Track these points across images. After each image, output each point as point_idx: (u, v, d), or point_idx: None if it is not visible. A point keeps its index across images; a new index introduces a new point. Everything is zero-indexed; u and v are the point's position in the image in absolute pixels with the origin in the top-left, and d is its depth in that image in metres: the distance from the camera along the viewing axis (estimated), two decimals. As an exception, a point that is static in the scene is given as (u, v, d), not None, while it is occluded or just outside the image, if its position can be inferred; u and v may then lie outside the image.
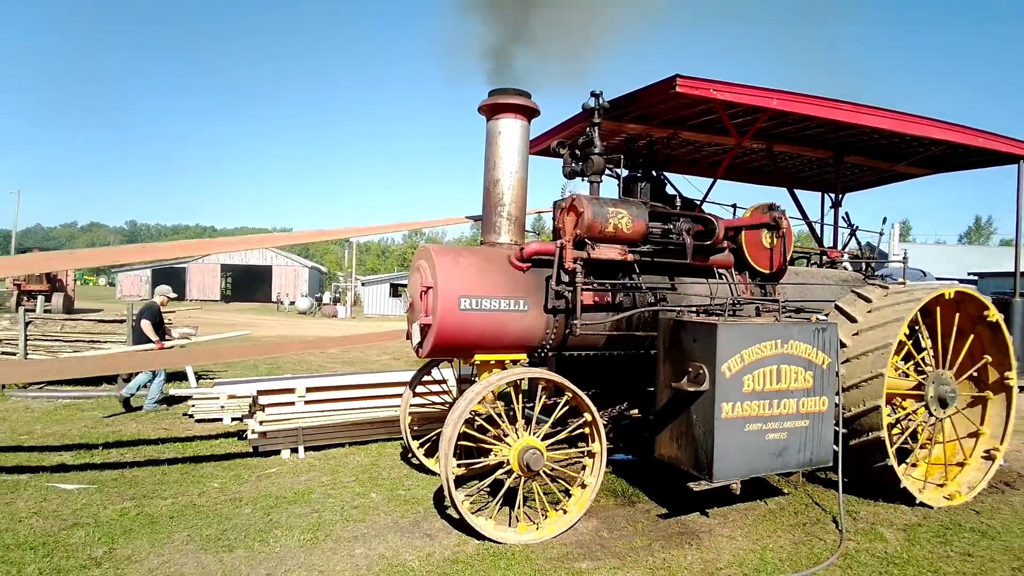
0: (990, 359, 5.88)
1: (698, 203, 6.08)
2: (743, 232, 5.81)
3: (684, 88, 4.69)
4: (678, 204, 5.53)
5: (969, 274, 31.77)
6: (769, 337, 4.60)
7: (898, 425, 5.87)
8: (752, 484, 5.35)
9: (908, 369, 5.82)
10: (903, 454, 6.02)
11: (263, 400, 6.89)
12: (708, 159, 7.52)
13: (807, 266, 7.48)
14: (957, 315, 5.73)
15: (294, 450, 6.85)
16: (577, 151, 5.44)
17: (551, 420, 4.70)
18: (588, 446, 4.85)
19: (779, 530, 4.73)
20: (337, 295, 50.29)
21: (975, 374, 6.02)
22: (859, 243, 7.43)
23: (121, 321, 11.26)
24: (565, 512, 4.70)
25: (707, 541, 4.50)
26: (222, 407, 8.28)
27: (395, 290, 41.75)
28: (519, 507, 4.62)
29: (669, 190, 6.41)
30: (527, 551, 4.30)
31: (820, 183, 8.13)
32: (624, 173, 5.89)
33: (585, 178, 5.39)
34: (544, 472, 4.72)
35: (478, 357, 5.04)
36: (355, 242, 54.16)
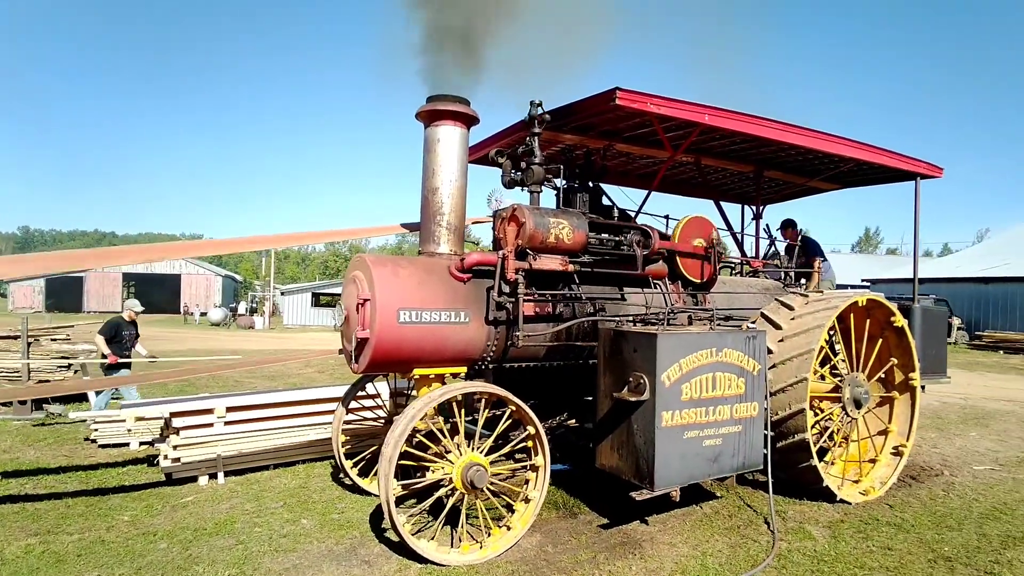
0: (896, 361, 6.33)
1: (633, 214, 6.19)
2: (676, 243, 5.96)
3: (623, 101, 4.75)
4: (615, 215, 5.60)
5: (862, 280, 34.60)
6: (705, 346, 4.72)
7: (816, 426, 6.20)
8: (687, 490, 5.47)
9: (825, 373, 6.18)
10: (821, 453, 6.37)
11: (177, 422, 6.36)
12: (641, 171, 7.70)
13: (731, 275, 7.81)
14: (868, 321, 6.14)
15: (213, 476, 6.37)
16: (516, 160, 5.41)
17: (494, 435, 4.59)
18: (532, 459, 4.78)
19: (716, 534, 4.85)
20: (254, 305, 47.91)
21: (883, 375, 6.47)
22: (779, 253, 7.83)
23: (15, 337, 10.15)
24: (509, 528, 4.60)
25: (649, 549, 4.53)
26: (129, 430, 7.59)
27: (317, 299, 40.26)
28: (462, 526, 4.48)
29: (607, 201, 6.52)
30: (472, 572, 4.17)
31: (742, 196, 8.52)
32: (562, 184, 5.93)
33: (524, 188, 5.35)
34: (487, 488, 4.61)
35: (417, 371, 4.87)
36: (273, 250, 51.83)
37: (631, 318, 5.70)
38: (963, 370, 17.21)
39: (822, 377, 6.14)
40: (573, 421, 6.01)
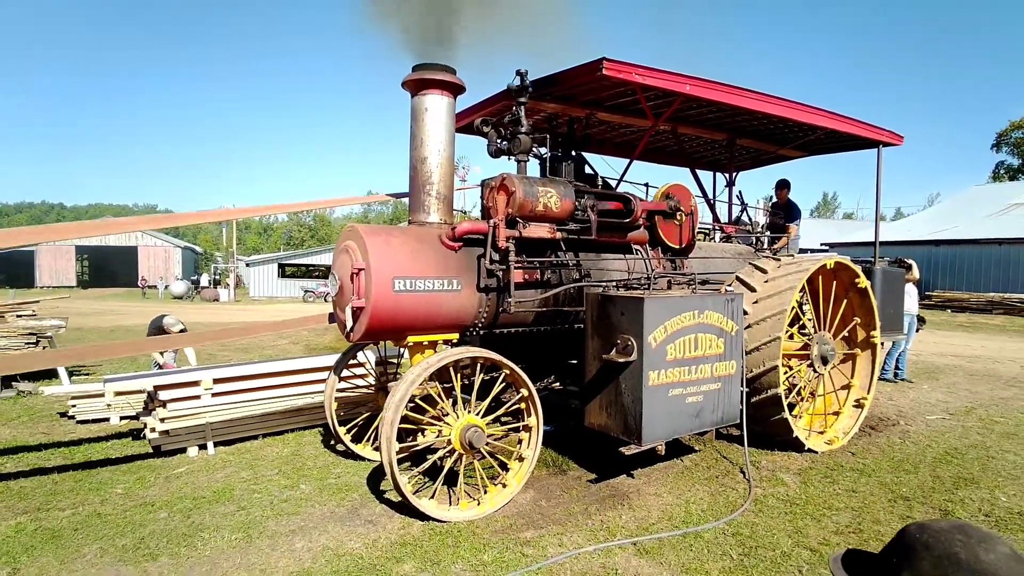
0: (859, 320, 6.73)
1: (615, 183, 6.34)
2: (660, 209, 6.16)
3: (610, 71, 4.85)
4: (599, 183, 5.74)
5: (821, 244, 35.77)
6: (688, 308, 4.96)
7: (787, 382, 6.58)
8: (669, 445, 5.79)
9: (794, 332, 6.53)
10: (790, 407, 6.77)
11: (164, 395, 6.36)
12: (621, 139, 7.83)
13: (705, 240, 8.08)
14: (834, 283, 6.49)
15: (202, 446, 6.42)
16: (502, 129, 5.47)
17: (490, 398, 4.78)
18: (525, 420, 4.98)
19: (697, 484, 5.18)
20: (217, 277, 46.82)
21: (847, 334, 6.87)
22: (750, 219, 8.13)
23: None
24: (505, 486, 4.82)
25: (636, 500, 4.83)
26: (108, 405, 7.54)
27: (283, 270, 39.59)
28: (460, 485, 4.68)
29: (589, 170, 6.65)
30: (472, 527, 4.38)
31: (715, 164, 8.76)
32: (546, 153, 6.02)
33: (511, 157, 5.44)
34: (483, 449, 4.81)
35: (411, 338, 4.98)
36: (234, 220, 50.49)
37: (616, 283, 5.92)
38: (914, 328, 18.15)
39: (792, 336, 6.50)
40: (558, 384, 6.25)
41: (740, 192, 8.15)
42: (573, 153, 6.18)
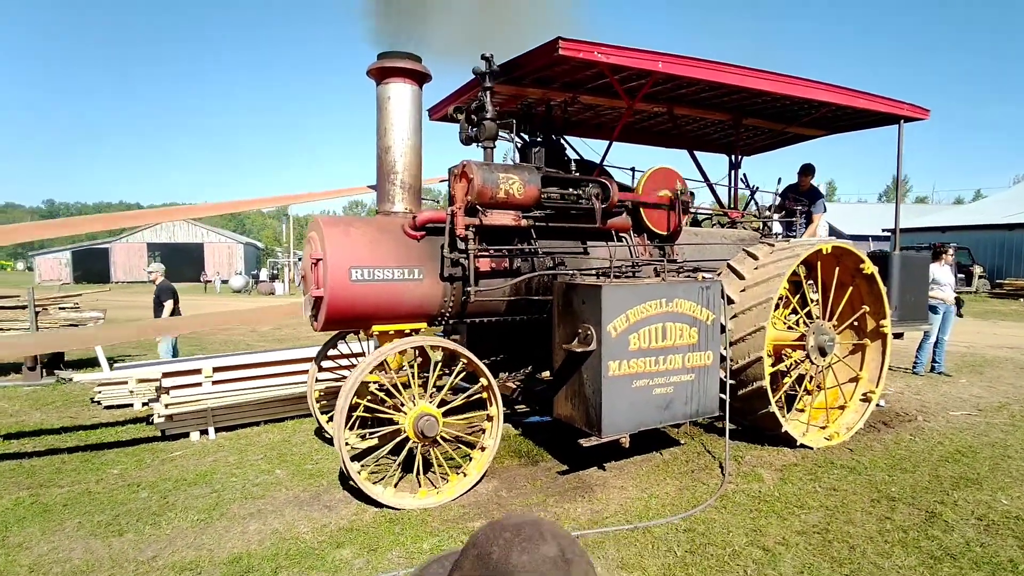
0: (868, 309, 6.30)
1: (597, 166, 6.17)
2: (640, 195, 5.95)
3: (567, 51, 4.70)
4: (573, 169, 5.59)
5: (883, 230, 33.75)
6: (654, 297, 4.77)
7: (789, 374, 6.26)
8: (650, 436, 5.62)
9: (792, 323, 6.19)
10: (792, 401, 6.44)
11: (167, 383, 6.68)
12: (610, 123, 7.60)
13: (711, 226, 7.76)
14: (837, 269, 6.10)
15: (204, 431, 6.71)
16: (472, 116, 5.41)
17: (447, 387, 4.76)
18: (487, 410, 4.94)
19: (668, 478, 5.00)
20: (275, 272, 48.75)
21: (855, 323, 6.46)
22: (757, 204, 7.74)
23: (23, 307, 10.60)
24: (465, 475, 4.80)
25: (599, 493, 4.70)
26: (131, 391, 7.97)
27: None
28: (419, 473, 4.70)
29: (574, 154, 6.50)
30: (424, 515, 4.39)
31: (721, 145, 8.38)
32: (513, 139, 5.92)
33: (479, 143, 5.37)
34: (444, 438, 4.80)
35: (375, 328, 5.02)
36: (292, 215, 52.33)
37: (595, 271, 5.77)
38: (977, 319, 16.91)
39: (796, 325, 6.17)
40: (548, 374, 6.16)
41: (745, 175, 7.76)
42: (553, 138, 6.08)
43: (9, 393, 8.83)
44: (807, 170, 7.98)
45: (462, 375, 4.88)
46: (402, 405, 4.69)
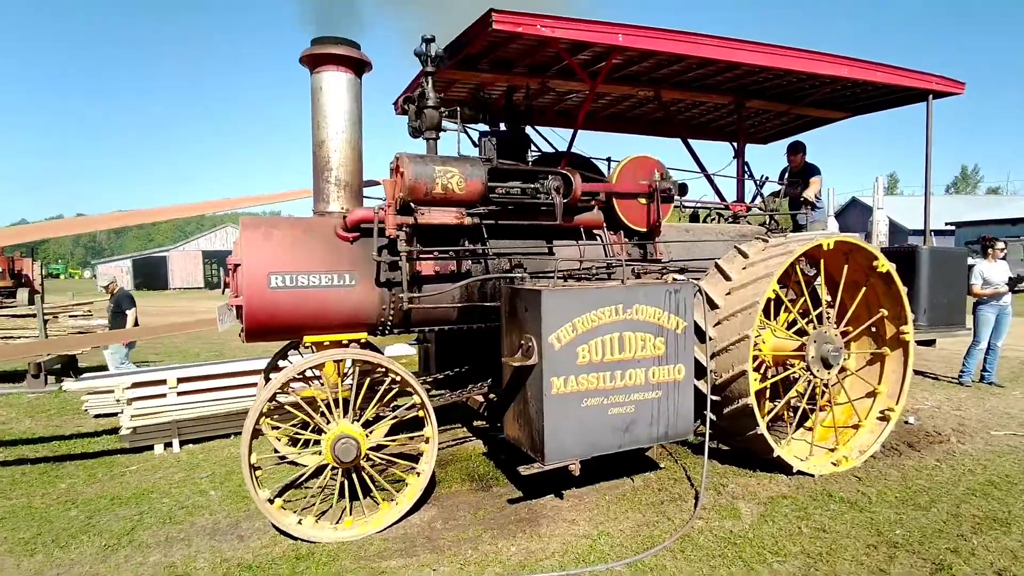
0: (886, 313, 5.46)
1: (563, 155, 5.57)
2: (612, 186, 5.32)
3: (502, 25, 4.14)
4: (529, 160, 5.01)
5: (946, 224, 31.35)
6: (607, 302, 4.15)
7: (793, 388, 5.49)
8: (625, 458, 4.96)
9: (806, 327, 5.40)
10: (803, 419, 5.65)
11: (129, 393, 6.49)
12: (603, 111, 6.96)
13: (717, 222, 7.01)
14: (845, 267, 5.28)
15: (168, 444, 6.47)
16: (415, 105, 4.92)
17: (372, 405, 4.28)
18: (423, 431, 4.43)
19: (631, 510, 4.35)
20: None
21: (873, 329, 5.62)
22: (762, 196, 6.92)
23: (31, 315, 10.78)
24: (396, 503, 4.31)
25: (545, 527, 4.12)
26: (117, 400, 7.87)
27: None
28: (352, 499, 4.23)
29: (547, 147, 5.93)
30: (339, 550, 3.92)
31: (723, 132, 7.59)
32: (486, 129, 5.40)
33: (423, 135, 4.87)
34: (370, 462, 4.33)
35: (308, 339, 4.59)
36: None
37: (560, 273, 5.19)
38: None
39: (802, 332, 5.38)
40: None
41: (748, 164, 6.96)
42: (522, 127, 5.52)
43: (12, 400, 8.90)
44: (796, 148, 7.14)
45: (393, 391, 4.38)
46: (328, 423, 4.24)
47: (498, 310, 4.96)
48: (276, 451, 5.65)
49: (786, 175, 7.17)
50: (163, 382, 6.62)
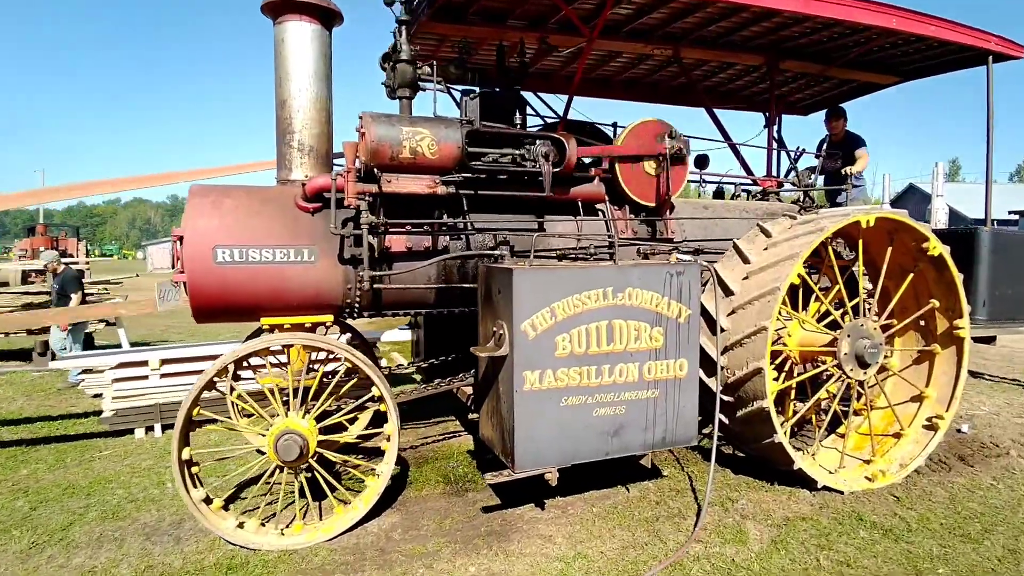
0: (937, 304, 4.66)
1: (560, 121, 4.93)
2: (613, 150, 4.67)
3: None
4: (517, 123, 4.39)
5: (1010, 213, 29.12)
6: (593, 285, 3.54)
7: (825, 390, 4.78)
8: (624, 463, 4.34)
9: (840, 319, 4.66)
10: (835, 423, 4.95)
11: (110, 375, 6.21)
12: (601, 75, 6.26)
13: (746, 199, 6.25)
14: (889, 249, 4.52)
15: (150, 429, 6.18)
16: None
17: (323, 398, 3.78)
18: (384, 428, 3.92)
19: (620, 527, 3.75)
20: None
21: (922, 322, 4.83)
22: (796, 171, 6.11)
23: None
24: (352, 508, 3.82)
25: (515, 544, 3.56)
26: (111, 380, 7.68)
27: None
28: (308, 502, 3.77)
29: (548, 111, 5.31)
30: (278, 559, 3.46)
31: (753, 100, 6.77)
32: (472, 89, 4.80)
33: (396, 95, 4.32)
34: (319, 461, 3.86)
35: (264, 320, 4.13)
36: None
37: (553, 252, 4.60)
38: None
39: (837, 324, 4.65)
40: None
41: (780, 134, 6.16)
42: (516, 88, 4.91)
43: (14, 379, 8.81)
44: (836, 113, 6.29)
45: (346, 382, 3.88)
46: (273, 416, 3.78)
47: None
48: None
49: (824, 146, 6.34)
50: (145, 363, 6.34)
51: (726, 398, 4.22)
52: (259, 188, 4.20)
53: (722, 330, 4.20)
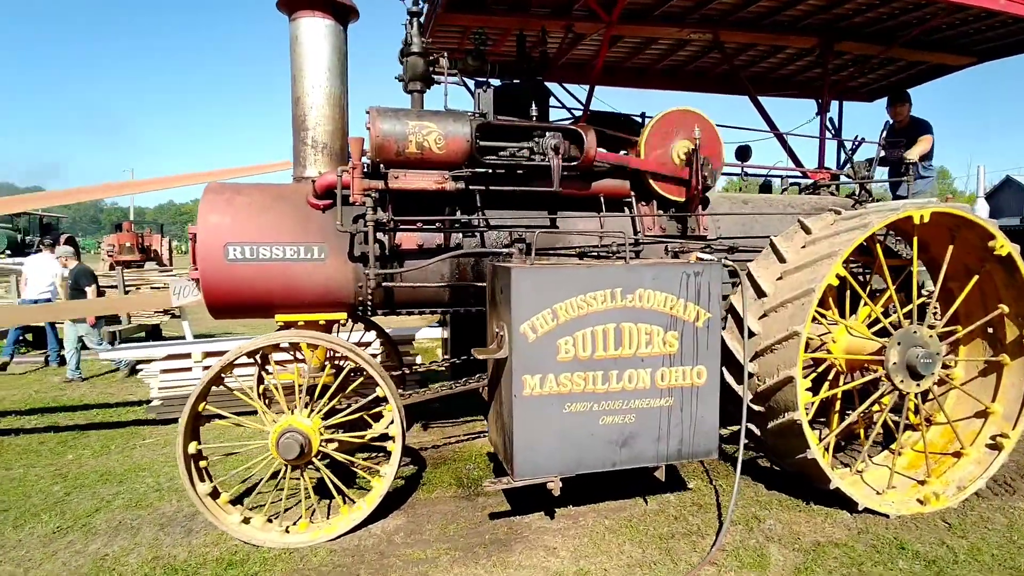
0: (1006, 310, 4.15)
1: (583, 114, 4.71)
2: (642, 149, 4.41)
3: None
4: (534, 115, 4.20)
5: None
6: (600, 285, 3.33)
7: (878, 402, 4.35)
8: (645, 473, 4.10)
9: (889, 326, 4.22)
10: (889, 439, 4.51)
11: (156, 366, 6.51)
12: (626, 66, 5.95)
13: (800, 192, 5.81)
14: (950, 248, 4.04)
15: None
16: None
17: (327, 395, 3.75)
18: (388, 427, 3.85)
19: (631, 543, 3.52)
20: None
21: (990, 330, 4.32)
22: (852, 162, 5.60)
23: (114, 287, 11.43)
24: (356, 509, 3.78)
25: (516, 555, 3.41)
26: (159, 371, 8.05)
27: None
28: (283, 501, 3.77)
29: (574, 103, 5.09)
30: (277, 557, 3.46)
31: (804, 87, 6.26)
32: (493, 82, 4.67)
33: (408, 89, 4.24)
34: (317, 461, 3.83)
35: (279, 317, 4.16)
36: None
37: (572, 250, 4.40)
38: None
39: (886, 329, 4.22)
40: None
41: (832, 120, 5.65)
42: (539, 80, 4.74)
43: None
44: (899, 98, 5.63)
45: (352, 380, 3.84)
46: (280, 415, 3.78)
47: (496, 292, 4.27)
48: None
49: (882, 134, 5.79)
50: (188, 355, 6.59)
51: (756, 407, 3.90)
52: (273, 186, 4.22)
53: (752, 334, 3.88)
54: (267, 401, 5.34)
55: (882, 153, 5.83)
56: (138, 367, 9.52)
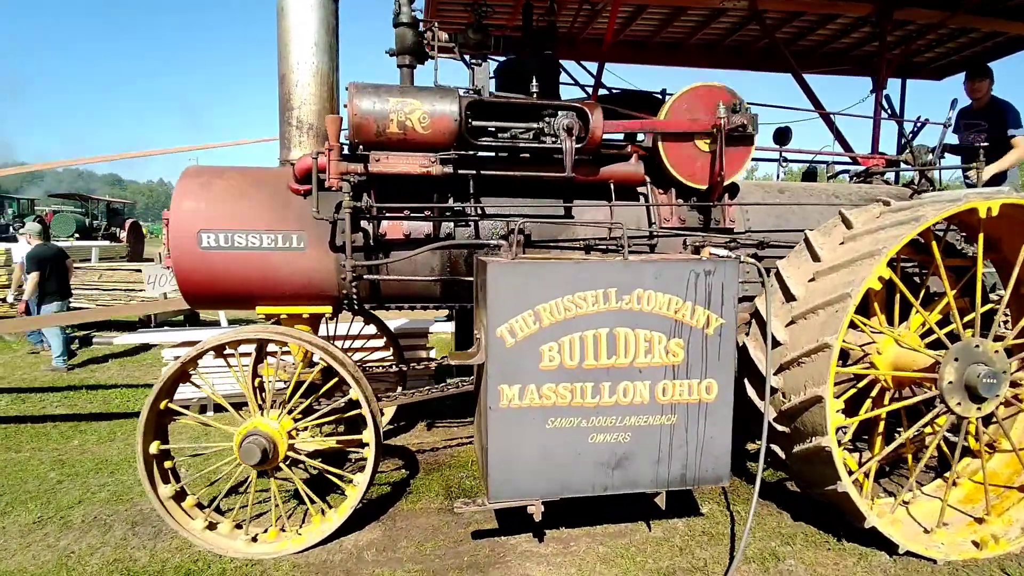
0: (1095, 322, 3.47)
1: (594, 90, 4.23)
2: (655, 123, 3.92)
3: None
4: (534, 93, 3.77)
5: None
6: (590, 285, 2.90)
7: (931, 427, 3.76)
8: (644, 498, 3.67)
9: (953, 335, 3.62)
10: (945, 466, 3.91)
11: (166, 354, 6.46)
12: (646, 40, 5.38)
13: (849, 180, 5.16)
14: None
15: (204, 409, 6.36)
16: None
17: (296, 396, 3.47)
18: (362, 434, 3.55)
19: (624, 576, 3.10)
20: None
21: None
22: (912, 147, 4.89)
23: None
24: (327, 520, 3.50)
25: (492, 584, 3.05)
26: (174, 358, 8.05)
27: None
28: (249, 508, 3.52)
29: (588, 79, 4.65)
30: (237, 570, 3.22)
31: (858, 63, 5.53)
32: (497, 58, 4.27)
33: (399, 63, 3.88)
34: (289, 466, 3.56)
35: (260, 310, 3.91)
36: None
37: (579, 243, 3.98)
38: None
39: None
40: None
41: (888, 97, 4.93)
42: (550, 55, 4.30)
43: (116, 349, 9.51)
44: (979, 72, 4.79)
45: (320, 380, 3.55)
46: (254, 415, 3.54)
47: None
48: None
49: (951, 115, 5.04)
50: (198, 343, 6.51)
51: (780, 427, 3.39)
52: (253, 169, 3.95)
53: (777, 343, 3.36)
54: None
55: (954, 138, 5.11)
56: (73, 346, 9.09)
